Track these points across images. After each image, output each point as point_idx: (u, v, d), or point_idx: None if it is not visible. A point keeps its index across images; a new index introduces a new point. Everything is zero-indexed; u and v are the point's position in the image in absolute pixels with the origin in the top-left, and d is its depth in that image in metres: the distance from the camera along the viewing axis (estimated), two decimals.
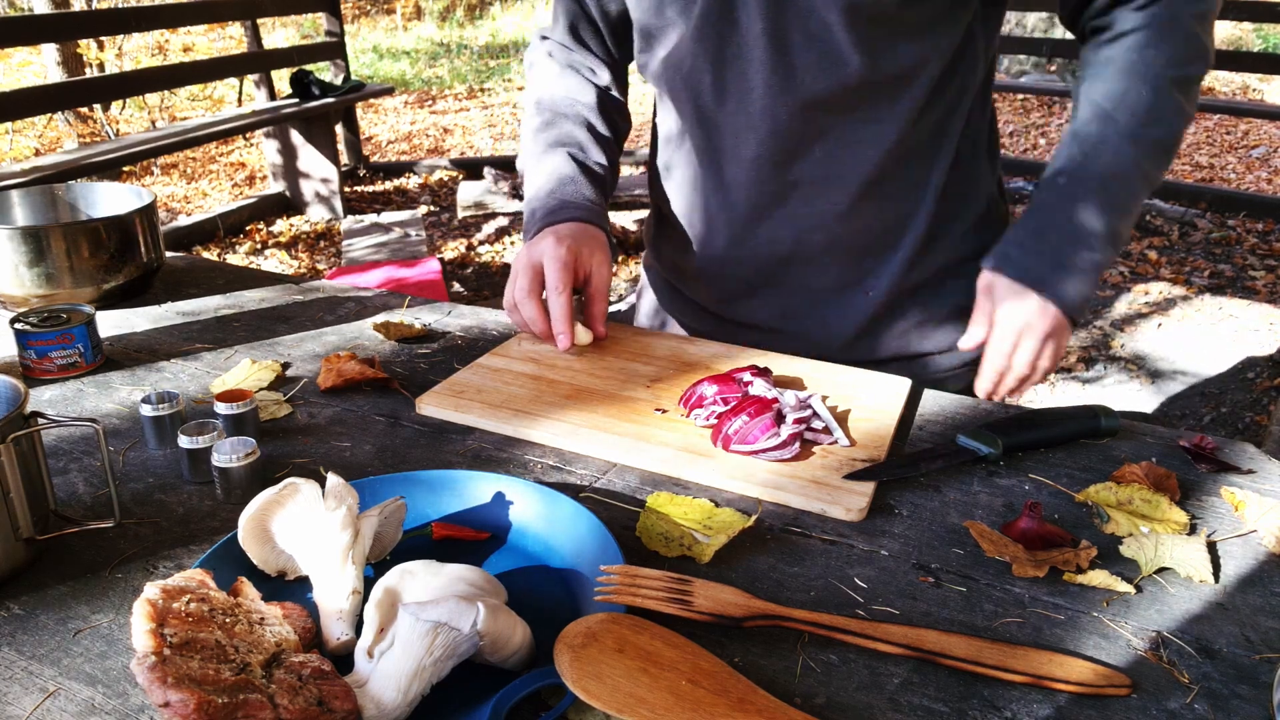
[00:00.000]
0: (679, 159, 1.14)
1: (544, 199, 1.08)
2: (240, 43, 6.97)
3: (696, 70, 1.01)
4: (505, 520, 0.74)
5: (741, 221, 1.09)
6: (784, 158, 1.02)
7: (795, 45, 0.94)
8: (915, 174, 1.05)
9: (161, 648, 0.51)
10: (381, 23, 13.54)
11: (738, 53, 0.97)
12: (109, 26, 5.13)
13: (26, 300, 1.14)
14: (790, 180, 1.04)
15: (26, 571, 0.70)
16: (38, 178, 3.75)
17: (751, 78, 0.98)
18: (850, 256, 1.09)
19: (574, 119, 1.14)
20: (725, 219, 1.10)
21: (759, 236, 1.09)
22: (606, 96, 1.18)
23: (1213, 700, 0.58)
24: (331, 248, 5.02)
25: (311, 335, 1.13)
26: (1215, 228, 5.07)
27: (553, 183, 1.09)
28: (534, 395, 0.94)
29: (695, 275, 1.18)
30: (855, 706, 0.58)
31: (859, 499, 0.77)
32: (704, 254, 1.15)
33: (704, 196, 1.11)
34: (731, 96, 1.00)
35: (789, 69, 0.96)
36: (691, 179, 1.12)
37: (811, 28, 0.93)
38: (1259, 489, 0.82)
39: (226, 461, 0.77)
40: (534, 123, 1.16)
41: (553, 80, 1.18)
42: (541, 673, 0.56)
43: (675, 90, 1.06)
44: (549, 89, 1.17)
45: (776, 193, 1.05)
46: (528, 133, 1.17)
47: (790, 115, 0.98)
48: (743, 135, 1.02)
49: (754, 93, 0.98)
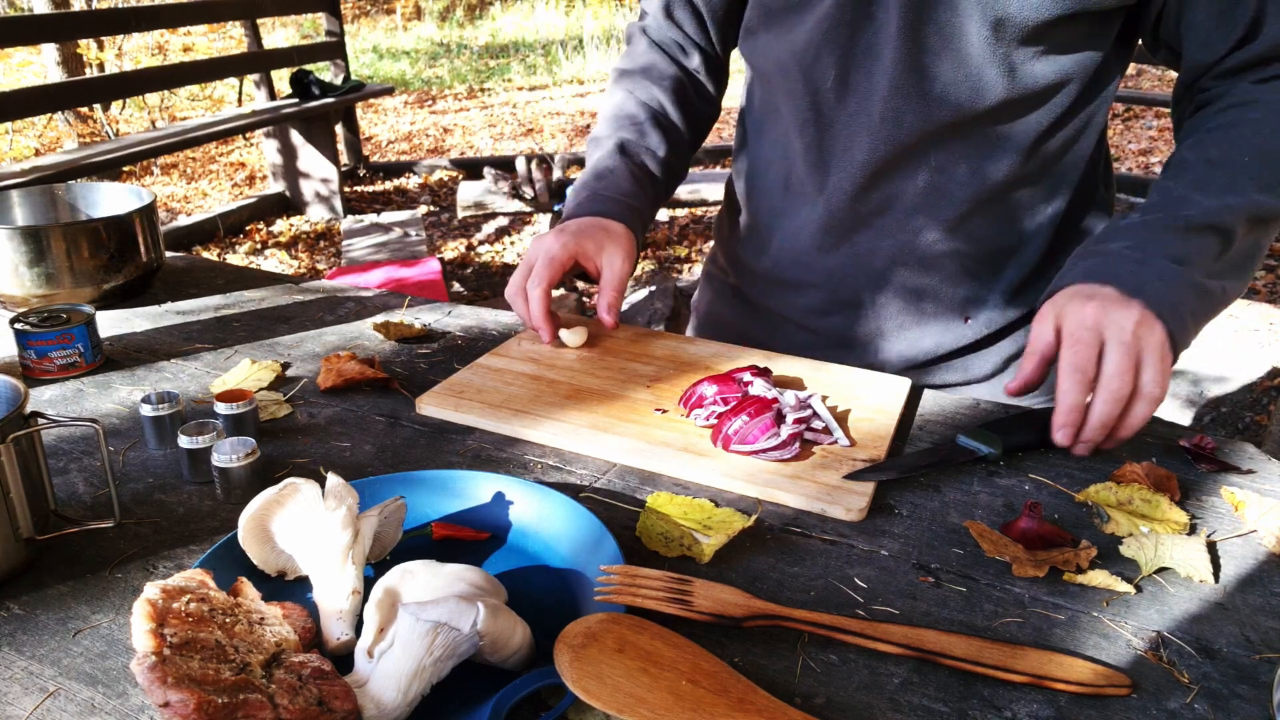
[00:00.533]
0: (775, 155, 1.08)
1: (577, 191, 1.08)
2: (240, 43, 6.97)
3: (820, 62, 0.95)
4: (505, 520, 0.74)
5: (839, 229, 1.04)
6: (897, 166, 0.97)
7: (931, 50, 0.90)
8: (1033, 198, 1.00)
9: (161, 648, 0.51)
10: (381, 23, 13.54)
11: (868, 49, 0.92)
12: (109, 26, 5.13)
13: (26, 300, 1.14)
14: (898, 191, 0.99)
15: (26, 571, 0.70)
16: (38, 178, 3.75)
17: (878, 77, 0.93)
18: (953, 278, 1.03)
19: (643, 100, 1.11)
20: (821, 225, 1.05)
21: (856, 247, 1.04)
22: (691, 79, 1.14)
23: (1213, 700, 0.58)
24: (331, 248, 5.02)
25: (311, 335, 1.13)
26: None
27: (590, 174, 1.09)
28: (534, 395, 0.94)
29: (778, 282, 1.12)
30: (855, 706, 0.58)
31: (859, 499, 0.77)
32: (792, 260, 1.09)
33: (801, 198, 1.06)
34: (854, 95, 0.95)
35: (921, 74, 0.91)
36: (787, 177, 1.07)
37: (951, 35, 0.88)
38: (1259, 489, 0.82)
39: (226, 461, 0.77)
40: (610, 101, 1.15)
41: (637, 56, 1.15)
42: (541, 673, 0.56)
43: (790, 81, 1.00)
44: (631, 65, 1.15)
45: (882, 202, 1.00)
46: (603, 110, 1.15)
47: (914, 123, 0.93)
48: (858, 137, 0.97)
49: (878, 93, 0.93)
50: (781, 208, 1.09)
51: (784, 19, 0.97)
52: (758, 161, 1.12)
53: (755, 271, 1.16)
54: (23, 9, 8.51)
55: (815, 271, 1.08)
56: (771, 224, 1.11)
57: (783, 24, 0.98)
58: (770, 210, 1.11)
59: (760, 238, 1.13)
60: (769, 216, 1.11)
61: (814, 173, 1.03)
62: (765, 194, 1.11)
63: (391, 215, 5.10)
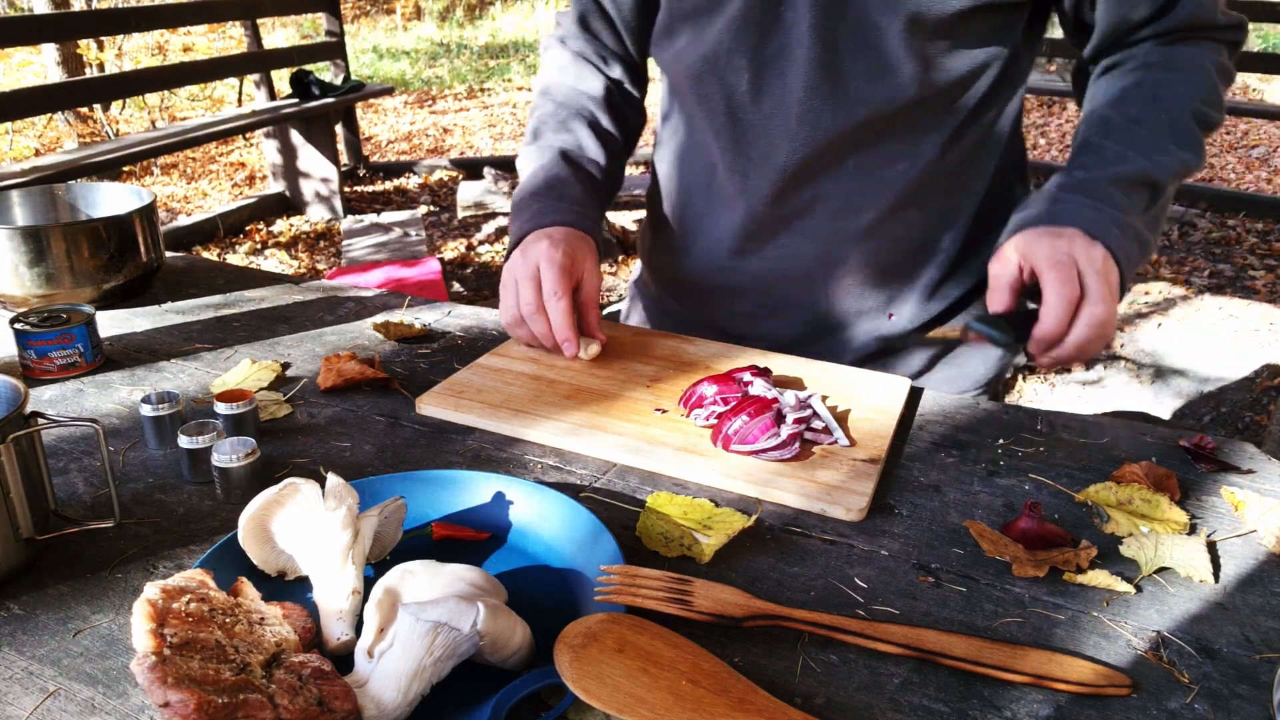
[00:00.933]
0: (694, 161, 1.07)
1: (531, 200, 1.03)
2: (240, 43, 6.98)
3: (732, 66, 0.95)
4: (505, 520, 0.74)
5: (761, 234, 1.03)
6: (816, 167, 0.97)
7: (845, 49, 0.89)
8: (950, 194, 1.00)
9: (161, 648, 0.51)
10: (381, 23, 13.54)
11: (780, 51, 0.92)
12: (109, 26, 5.13)
13: (26, 300, 1.14)
14: (819, 192, 0.99)
15: (26, 571, 0.70)
16: (38, 178, 3.75)
17: (792, 79, 0.92)
18: (876, 277, 1.03)
19: (577, 112, 1.09)
20: (744, 230, 1.04)
21: (779, 250, 1.03)
22: (617, 89, 1.12)
23: (1213, 700, 0.58)
24: (331, 248, 5.02)
25: (311, 335, 1.13)
26: (1215, 228, 5.07)
27: (542, 184, 1.04)
28: (534, 395, 0.94)
29: (702, 291, 1.11)
30: (855, 706, 0.58)
31: (859, 499, 0.77)
32: (715, 267, 1.08)
33: (722, 204, 1.05)
34: (769, 98, 0.95)
35: (836, 74, 0.91)
36: (708, 183, 1.06)
37: (864, 32, 0.88)
38: (1259, 489, 0.82)
39: (226, 461, 0.77)
40: (537, 113, 1.12)
41: (561, 69, 1.12)
42: (541, 673, 0.56)
43: (704, 86, 0.99)
44: (556, 77, 1.12)
45: (803, 204, 1.00)
46: (531, 122, 1.12)
47: (832, 123, 0.93)
48: (776, 140, 0.96)
49: (793, 95, 0.93)
50: (702, 214, 1.08)
51: (694, 22, 0.96)
52: (676, 169, 1.11)
53: (680, 281, 1.14)
54: (23, 9, 8.51)
55: (740, 277, 1.07)
56: (693, 231, 1.10)
57: (693, 27, 0.97)
58: (692, 217, 1.10)
59: (683, 246, 1.12)
60: (691, 224, 1.10)
61: (733, 177, 1.02)
62: (686, 201, 1.10)
63: (391, 215, 5.10)
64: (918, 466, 0.85)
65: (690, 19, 0.97)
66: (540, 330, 0.96)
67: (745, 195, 1.02)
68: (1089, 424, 0.93)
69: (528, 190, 1.04)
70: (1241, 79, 8.78)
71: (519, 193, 1.06)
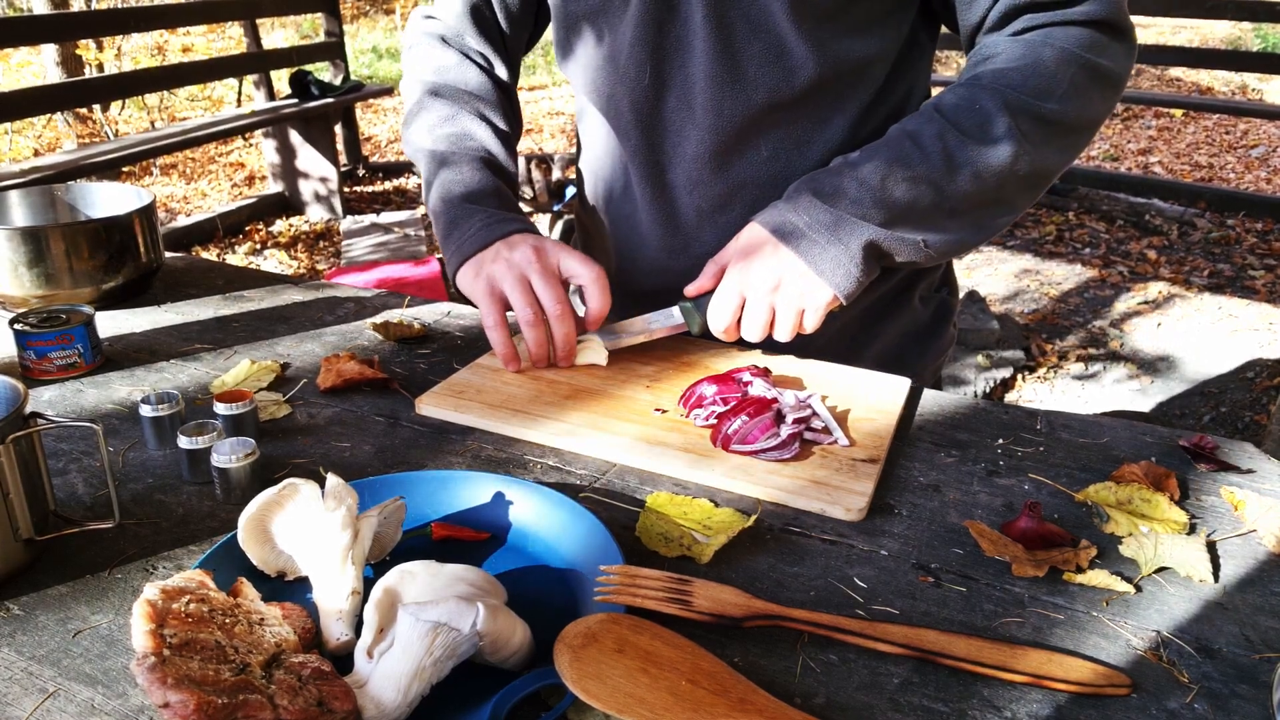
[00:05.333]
0: (611, 163, 1.07)
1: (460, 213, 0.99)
2: (240, 43, 6.97)
3: (634, 61, 0.96)
4: (505, 520, 0.74)
5: (683, 228, 1.04)
6: (729, 157, 0.98)
7: (740, 36, 0.91)
8: None
9: (161, 648, 0.51)
10: (381, 23, 13.54)
11: (679, 43, 0.94)
12: (109, 26, 5.14)
13: (26, 300, 1.14)
14: (736, 182, 1.00)
15: (26, 572, 0.70)
16: (37, 178, 3.75)
17: (693, 69, 0.94)
18: None
19: (476, 116, 1.07)
20: (665, 227, 1.04)
21: (702, 244, 1.03)
22: (506, 91, 1.12)
23: (1213, 700, 0.58)
24: (331, 248, 5.02)
25: (311, 335, 1.13)
26: (1214, 227, 5.07)
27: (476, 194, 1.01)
28: (534, 395, 0.94)
29: (633, 294, 1.10)
30: (855, 706, 0.58)
31: (859, 499, 0.77)
32: (640, 267, 1.08)
33: (641, 203, 1.05)
34: (672, 91, 0.96)
35: (733, 60, 0.92)
36: (626, 185, 1.06)
37: (756, 18, 0.90)
38: (1259, 489, 0.82)
39: (226, 462, 0.77)
40: (432, 115, 1.07)
41: (450, 69, 1.09)
42: (541, 673, 0.56)
43: (610, 85, 1.00)
44: (446, 77, 1.08)
45: (721, 196, 1.01)
46: (425, 124, 1.07)
47: (735, 110, 0.94)
48: (685, 131, 0.98)
49: (696, 85, 0.94)
50: (623, 216, 1.08)
51: (593, 24, 0.98)
52: (594, 173, 1.11)
53: (615, 285, 1.11)
54: (22, 9, 8.51)
55: (669, 277, 1.06)
56: (616, 235, 1.10)
57: (592, 30, 0.98)
58: (613, 220, 1.09)
59: (607, 246, 1.12)
60: (612, 227, 1.10)
61: (650, 174, 1.03)
62: (606, 204, 1.10)
63: (391, 215, 5.10)
64: (917, 466, 0.85)
65: (588, 19, 0.98)
66: (535, 343, 0.96)
67: (663, 192, 1.03)
68: (1088, 424, 0.93)
69: (458, 196, 1.01)
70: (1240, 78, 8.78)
71: (445, 198, 1.02)
